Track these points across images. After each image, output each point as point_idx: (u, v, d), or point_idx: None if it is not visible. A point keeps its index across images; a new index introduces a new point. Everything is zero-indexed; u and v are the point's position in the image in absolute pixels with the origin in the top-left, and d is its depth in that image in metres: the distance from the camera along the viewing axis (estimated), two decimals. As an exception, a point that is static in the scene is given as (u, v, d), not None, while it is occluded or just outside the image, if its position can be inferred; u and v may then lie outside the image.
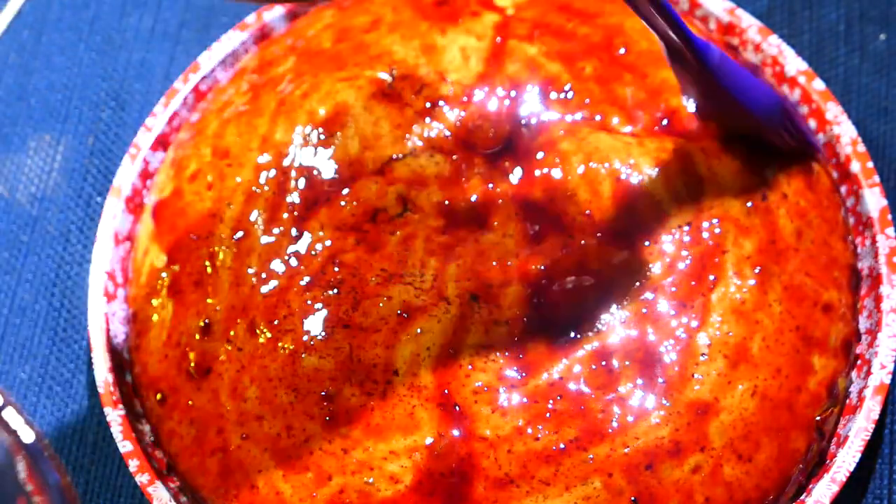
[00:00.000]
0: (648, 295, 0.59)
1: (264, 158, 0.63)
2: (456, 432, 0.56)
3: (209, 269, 0.61)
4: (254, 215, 0.62)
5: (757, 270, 0.59)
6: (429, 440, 0.56)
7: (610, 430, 0.56)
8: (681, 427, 0.56)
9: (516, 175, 0.62)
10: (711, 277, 0.59)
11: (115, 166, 0.71)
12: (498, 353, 0.58)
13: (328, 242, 0.60)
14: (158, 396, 0.60)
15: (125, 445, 0.59)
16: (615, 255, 0.60)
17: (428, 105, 0.64)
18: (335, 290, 0.59)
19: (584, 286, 0.59)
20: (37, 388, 0.66)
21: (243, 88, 0.67)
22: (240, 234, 0.61)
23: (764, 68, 0.67)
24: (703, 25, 0.68)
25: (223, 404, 0.59)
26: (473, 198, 0.62)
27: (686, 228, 0.60)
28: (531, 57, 0.64)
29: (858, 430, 0.57)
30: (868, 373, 0.59)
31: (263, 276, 0.60)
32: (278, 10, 0.70)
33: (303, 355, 0.58)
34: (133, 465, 0.58)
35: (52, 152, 0.71)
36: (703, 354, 0.58)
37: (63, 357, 0.66)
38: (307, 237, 0.61)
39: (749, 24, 0.67)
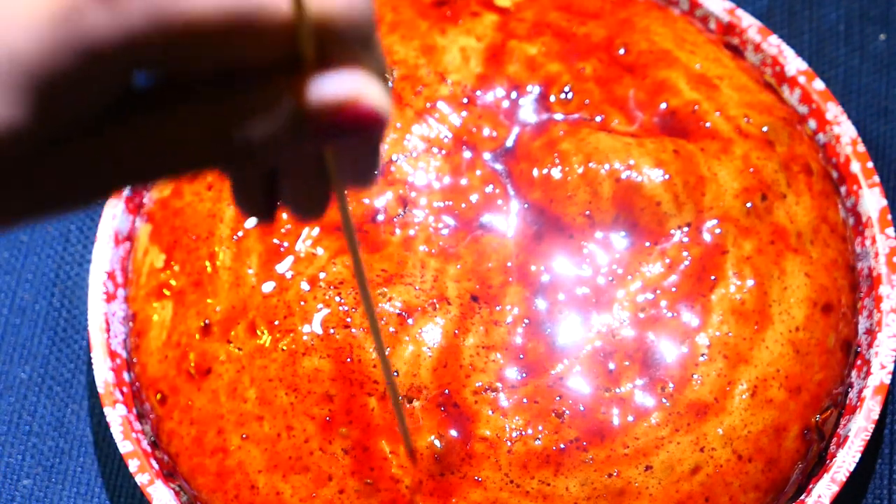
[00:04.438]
0: (648, 295, 0.59)
1: (264, 158, 0.63)
2: (456, 433, 0.56)
3: (209, 270, 0.61)
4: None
5: (756, 271, 0.59)
6: (429, 440, 0.56)
7: (610, 431, 0.56)
8: (681, 427, 0.56)
9: (516, 176, 0.62)
10: (711, 278, 0.59)
11: (114, 166, 0.70)
12: (498, 354, 0.58)
13: (328, 243, 0.60)
14: (158, 396, 0.60)
15: (125, 445, 0.59)
16: (615, 256, 0.60)
17: (428, 105, 0.64)
18: (335, 291, 0.59)
19: (584, 287, 0.59)
20: (37, 388, 0.66)
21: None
22: (239, 234, 0.61)
23: (764, 68, 0.67)
24: (703, 25, 0.68)
25: (223, 404, 0.59)
26: (474, 198, 0.62)
27: (686, 229, 0.60)
28: (531, 57, 0.64)
29: (858, 430, 0.57)
30: (868, 373, 0.59)
31: (263, 276, 0.60)
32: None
33: (303, 356, 0.58)
34: (133, 465, 0.58)
35: (52, 152, 0.71)
36: (703, 354, 0.58)
37: (63, 357, 0.66)
38: (307, 238, 0.61)
39: (749, 24, 0.67)
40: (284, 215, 0.61)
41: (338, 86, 0.30)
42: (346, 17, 0.30)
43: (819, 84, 0.65)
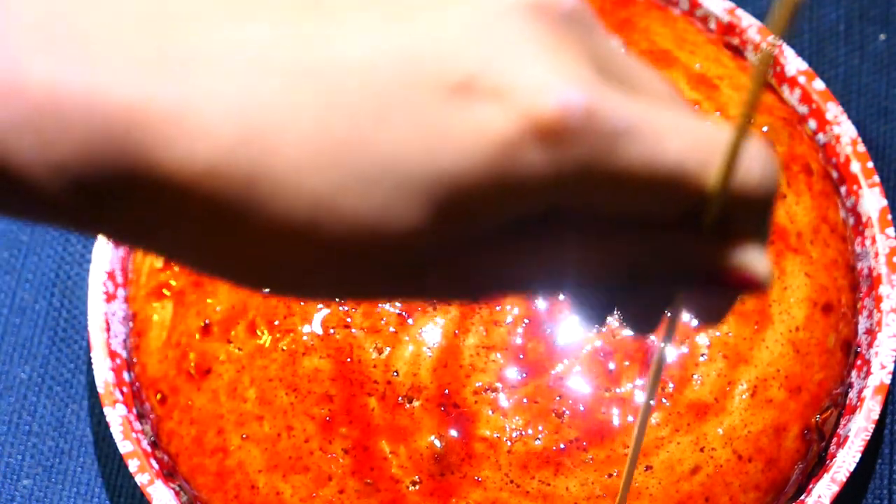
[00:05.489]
0: (648, 295, 0.59)
1: (264, 158, 0.63)
2: (456, 433, 0.56)
3: (209, 270, 0.61)
4: (254, 215, 0.62)
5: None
6: (429, 440, 0.56)
7: (610, 431, 0.56)
8: (681, 427, 0.56)
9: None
10: (711, 278, 0.59)
11: (114, 166, 0.70)
12: (498, 354, 0.58)
13: (328, 243, 0.60)
14: (158, 396, 0.60)
15: (125, 445, 0.59)
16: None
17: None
18: (335, 291, 0.59)
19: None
20: (37, 388, 0.66)
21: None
22: (240, 234, 0.61)
23: (764, 68, 0.67)
24: (703, 25, 0.68)
25: (223, 404, 0.59)
26: (473, 198, 0.62)
27: (686, 229, 0.60)
28: (531, 57, 0.64)
29: (858, 430, 0.57)
30: (868, 373, 0.59)
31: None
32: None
33: (303, 356, 0.58)
34: (133, 465, 0.58)
35: (52, 152, 0.71)
36: (703, 355, 0.58)
37: (63, 357, 0.66)
38: (307, 237, 0.61)
39: (749, 24, 0.67)
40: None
41: (730, 255, 0.32)
42: (758, 193, 0.31)
43: (819, 84, 0.65)
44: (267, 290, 0.32)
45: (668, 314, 0.37)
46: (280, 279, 0.31)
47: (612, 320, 0.59)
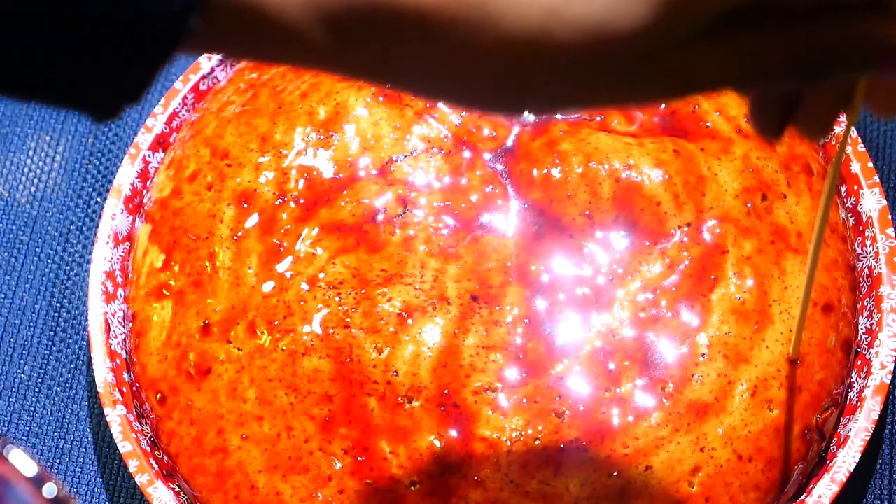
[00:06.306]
0: (648, 295, 0.59)
1: (264, 159, 0.63)
2: (456, 433, 0.56)
3: (209, 270, 0.61)
4: (253, 216, 0.62)
5: (756, 271, 0.59)
6: (429, 440, 0.56)
7: (610, 431, 0.56)
8: (681, 427, 0.56)
9: (516, 176, 0.62)
10: (711, 278, 0.59)
11: (114, 166, 0.70)
12: (498, 354, 0.58)
13: (328, 243, 0.60)
14: (158, 397, 0.60)
15: (125, 445, 0.59)
16: (615, 256, 0.60)
17: (428, 105, 0.64)
18: (335, 291, 0.59)
19: (584, 286, 0.59)
20: (36, 388, 0.66)
21: (242, 88, 0.67)
22: (239, 234, 0.61)
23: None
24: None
25: (223, 405, 0.59)
26: (474, 198, 0.62)
27: (686, 229, 0.60)
28: (531, 57, 0.64)
29: (858, 430, 0.57)
30: (868, 373, 0.59)
31: (263, 276, 0.60)
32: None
33: (303, 356, 0.58)
34: (133, 465, 0.58)
35: (52, 152, 0.71)
36: (703, 354, 0.58)
37: (63, 357, 0.66)
38: (307, 238, 0.61)
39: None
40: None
41: None
42: None
43: (819, 84, 0.65)
44: (495, 109, 0.36)
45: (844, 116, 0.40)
46: (511, 94, 0.34)
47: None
